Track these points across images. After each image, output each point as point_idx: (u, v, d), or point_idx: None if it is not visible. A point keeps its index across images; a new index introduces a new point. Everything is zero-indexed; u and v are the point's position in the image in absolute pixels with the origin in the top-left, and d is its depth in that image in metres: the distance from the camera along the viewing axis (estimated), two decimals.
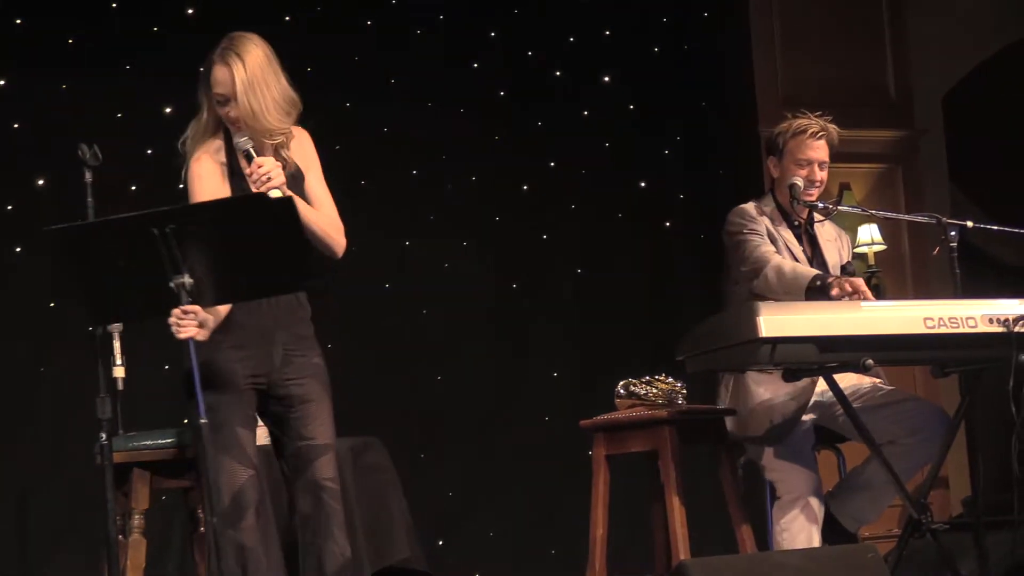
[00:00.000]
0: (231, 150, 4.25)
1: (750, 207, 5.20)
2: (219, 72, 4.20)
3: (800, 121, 5.19)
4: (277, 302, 4.22)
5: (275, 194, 4.08)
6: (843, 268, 5.25)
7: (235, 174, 4.25)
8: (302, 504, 4.24)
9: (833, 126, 5.19)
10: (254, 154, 4.16)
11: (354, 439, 5.40)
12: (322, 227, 4.26)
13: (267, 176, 4.11)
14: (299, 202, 4.15)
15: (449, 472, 7.04)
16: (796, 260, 5.12)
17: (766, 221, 5.16)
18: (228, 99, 4.19)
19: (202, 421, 3.87)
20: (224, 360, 4.17)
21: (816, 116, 5.18)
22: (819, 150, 5.16)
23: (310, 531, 4.23)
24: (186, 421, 4.57)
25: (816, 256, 5.24)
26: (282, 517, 4.55)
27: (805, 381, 4.87)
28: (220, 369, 4.17)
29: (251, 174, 4.13)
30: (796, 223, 5.23)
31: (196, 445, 3.98)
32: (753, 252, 5.07)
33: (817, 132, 5.15)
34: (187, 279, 3.83)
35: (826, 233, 5.30)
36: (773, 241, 5.12)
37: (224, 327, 4.16)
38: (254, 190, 4.12)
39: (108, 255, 3.85)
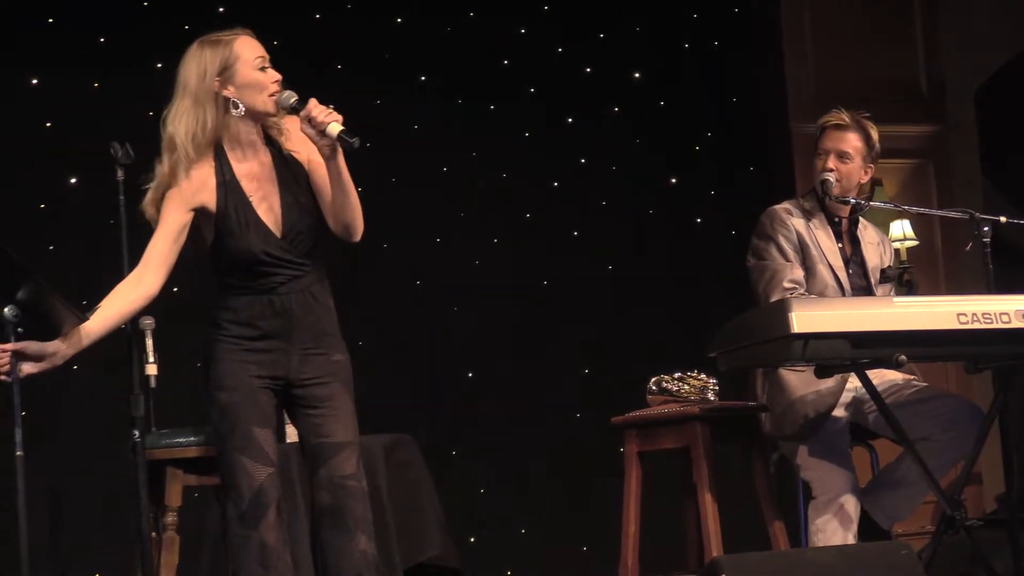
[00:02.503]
0: (223, 162, 4.21)
1: (781, 209, 5.18)
2: (254, 40, 4.27)
3: (828, 115, 5.19)
4: (291, 302, 4.17)
5: (335, 128, 4.02)
6: (883, 272, 5.24)
7: (226, 183, 4.19)
8: (318, 501, 4.19)
9: (867, 122, 5.17)
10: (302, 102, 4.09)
11: (386, 436, 5.40)
12: (356, 199, 4.18)
13: (327, 112, 4.03)
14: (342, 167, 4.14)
15: (481, 469, 7.04)
16: (829, 262, 5.11)
17: (799, 224, 5.14)
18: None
19: (17, 454, 3.92)
20: (238, 361, 4.16)
21: (851, 112, 5.17)
22: (838, 140, 5.14)
23: (326, 529, 4.18)
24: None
25: (856, 256, 5.22)
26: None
27: (839, 376, 4.85)
28: (234, 370, 4.16)
29: (312, 117, 4.03)
30: (836, 220, 5.21)
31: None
32: (766, 288, 5.07)
33: (834, 122, 5.15)
34: (7, 311, 3.89)
35: (869, 236, 5.29)
36: (803, 247, 5.10)
37: (239, 330, 4.17)
38: (323, 128, 4.03)
39: None
